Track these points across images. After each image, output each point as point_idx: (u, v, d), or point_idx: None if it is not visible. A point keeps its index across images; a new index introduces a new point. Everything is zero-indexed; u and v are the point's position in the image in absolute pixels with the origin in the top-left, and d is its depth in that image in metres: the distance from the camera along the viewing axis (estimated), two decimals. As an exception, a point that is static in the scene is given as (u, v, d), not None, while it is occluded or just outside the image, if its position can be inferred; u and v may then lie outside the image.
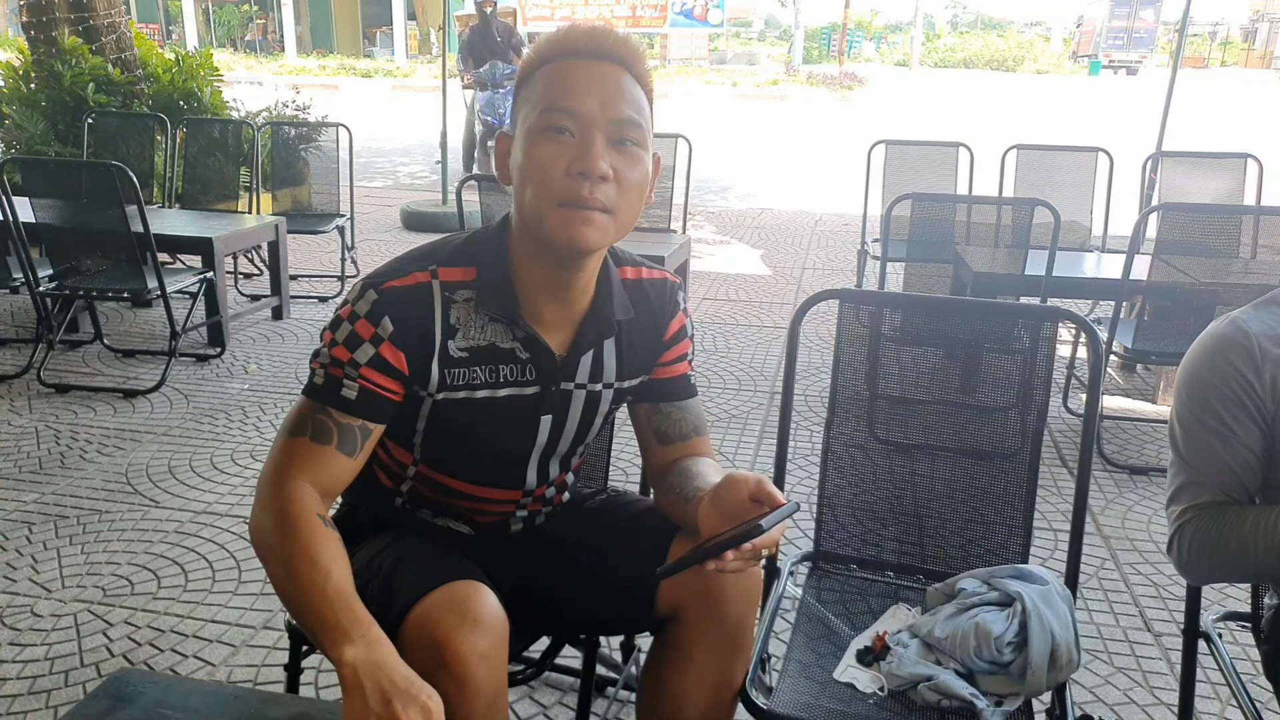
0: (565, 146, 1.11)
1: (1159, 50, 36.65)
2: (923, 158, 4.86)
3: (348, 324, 1.17)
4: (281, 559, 1.10)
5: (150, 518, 2.72)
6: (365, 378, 1.17)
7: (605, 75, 1.14)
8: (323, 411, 1.17)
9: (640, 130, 1.15)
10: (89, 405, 3.55)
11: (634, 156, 1.15)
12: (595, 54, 1.14)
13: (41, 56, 5.85)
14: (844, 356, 1.70)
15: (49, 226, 3.69)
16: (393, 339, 1.17)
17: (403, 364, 1.18)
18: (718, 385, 3.90)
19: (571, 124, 1.11)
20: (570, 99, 1.11)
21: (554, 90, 1.13)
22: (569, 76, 1.13)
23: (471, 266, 1.21)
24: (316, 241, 6.18)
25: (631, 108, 1.14)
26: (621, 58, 1.15)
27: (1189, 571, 1.31)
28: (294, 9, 27.74)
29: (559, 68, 1.15)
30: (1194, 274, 3.13)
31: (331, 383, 1.17)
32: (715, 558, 1.03)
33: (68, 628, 2.20)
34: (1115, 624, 2.32)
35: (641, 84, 1.18)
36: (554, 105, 1.12)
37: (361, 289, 1.18)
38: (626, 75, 1.16)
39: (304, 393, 1.19)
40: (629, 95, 1.14)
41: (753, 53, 33.85)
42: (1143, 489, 3.05)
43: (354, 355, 1.17)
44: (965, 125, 13.86)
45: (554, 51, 1.16)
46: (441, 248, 1.24)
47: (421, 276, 1.19)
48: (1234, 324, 1.25)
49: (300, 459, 1.15)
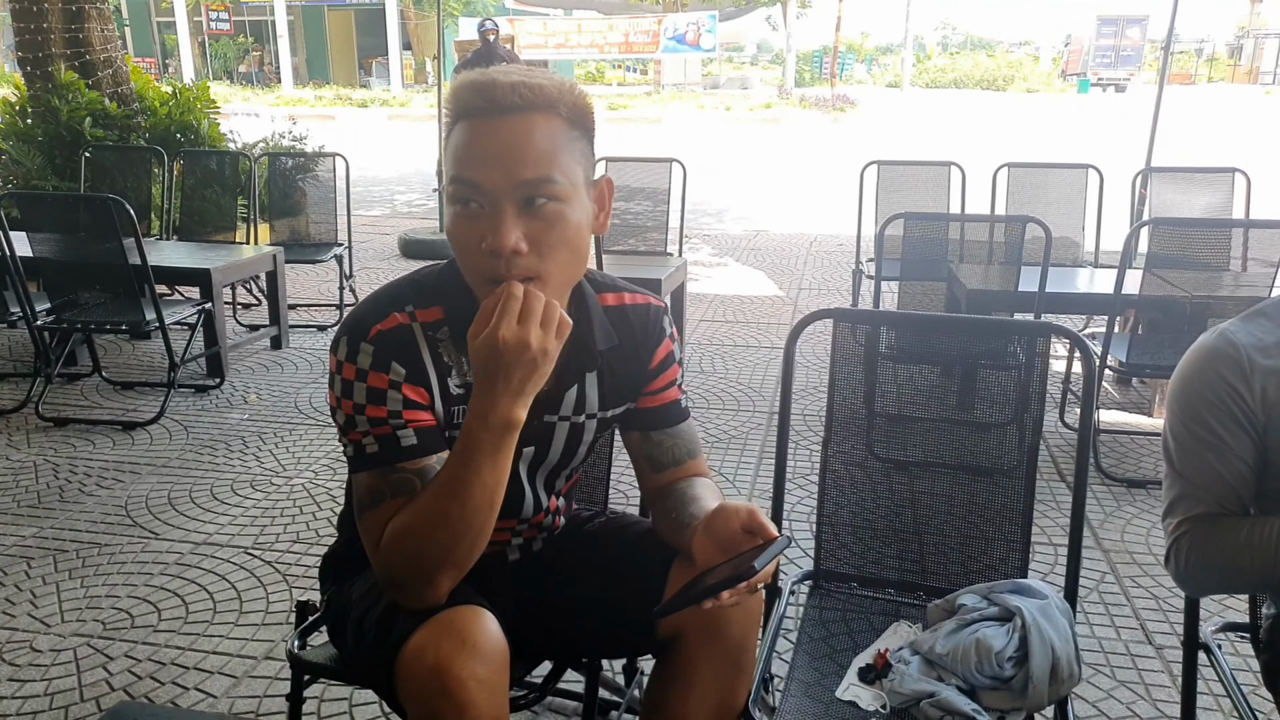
0: (475, 221, 1.08)
1: (1146, 67, 36.97)
2: (915, 177, 4.90)
3: (360, 384, 1.14)
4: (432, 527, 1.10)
5: (150, 550, 2.72)
6: (412, 420, 1.15)
7: (506, 134, 1.07)
8: (394, 472, 1.14)
9: (554, 185, 1.08)
10: (88, 438, 3.55)
11: (551, 215, 1.09)
12: (493, 111, 1.07)
13: (38, 92, 5.89)
14: (840, 375, 1.71)
15: (47, 260, 3.71)
16: (408, 380, 1.16)
17: (425, 397, 1.17)
18: (716, 406, 3.90)
19: (477, 196, 1.08)
20: (471, 170, 1.07)
21: (457, 160, 1.09)
22: (467, 143, 1.08)
23: (439, 305, 1.20)
24: (315, 271, 6.20)
25: (540, 164, 1.07)
26: (524, 104, 1.07)
27: (1186, 583, 1.32)
28: (290, 41, 27.95)
29: (461, 130, 1.09)
30: (1185, 287, 3.15)
31: (386, 442, 1.14)
32: (712, 598, 1.03)
33: (67, 662, 2.19)
34: (1117, 637, 2.32)
35: (567, 118, 1.10)
36: (458, 177, 1.08)
37: (350, 344, 1.15)
38: (535, 122, 1.08)
39: (360, 469, 1.15)
40: (536, 151, 1.07)
41: (746, 77, 34.12)
42: (1141, 502, 3.06)
43: (389, 407, 1.14)
44: (957, 144, 13.96)
45: (458, 110, 1.10)
46: (411, 287, 1.21)
47: (401, 318, 1.17)
48: (1223, 336, 1.26)
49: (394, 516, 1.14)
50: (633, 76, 34.13)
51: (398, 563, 1.12)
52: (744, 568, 1.03)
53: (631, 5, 29.29)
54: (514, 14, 27.94)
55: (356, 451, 1.15)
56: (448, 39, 24.81)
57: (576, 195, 1.11)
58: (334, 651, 1.41)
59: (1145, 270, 3.15)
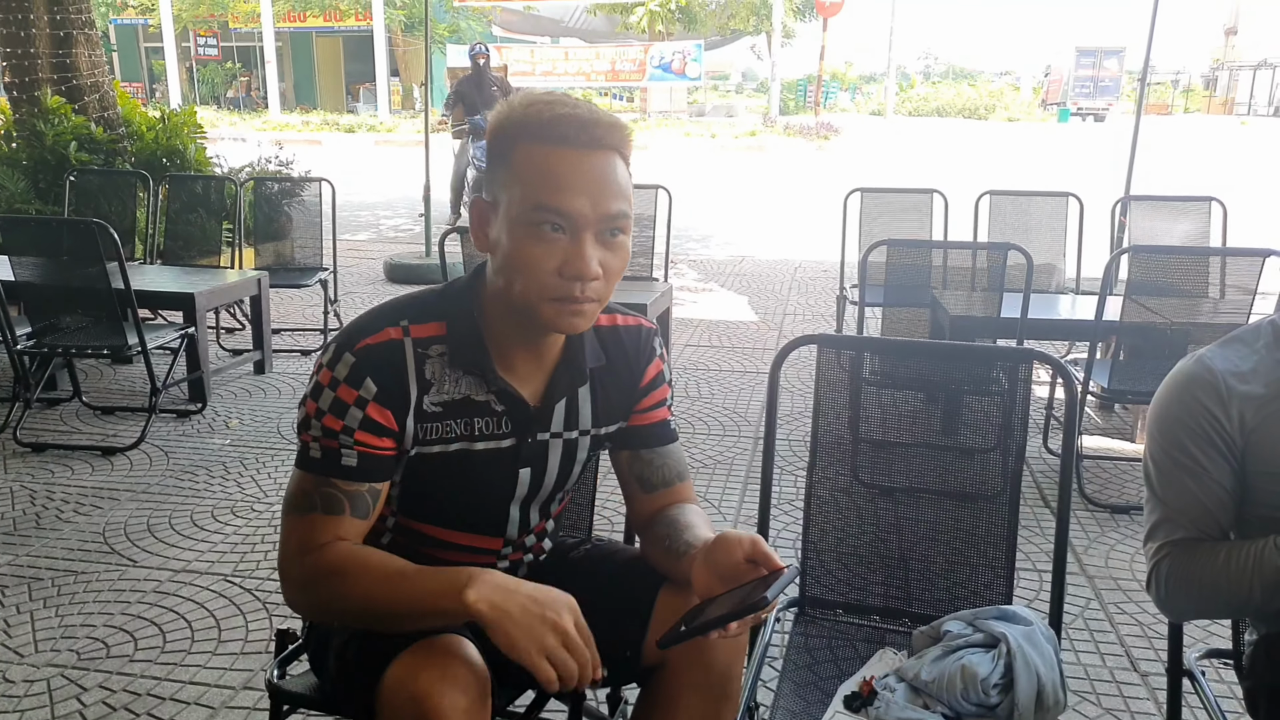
0: (556, 247, 1.10)
1: (1124, 98, 37.57)
2: (898, 204, 4.94)
3: (329, 391, 1.17)
4: (348, 598, 1.12)
5: (128, 578, 2.68)
6: (361, 442, 1.17)
7: (597, 169, 1.11)
8: (327, 484, 1.17)
9: (628, 218, 1.14)
10: (66, 464, 3.51)
11: (621, 246, 1.15)
12: (586, 144, 1.11)
13: (24, 116, 5.89)
14: (824, 401, 1.72)
15: (28, 284, 3.68)
16: (377, 399, 1.17)
17: (391, 421, 1.18)
18: (702, 431, 3.90)
19: (562, 222, 1.10)
20: (561, 198, 1.09)
21: (544, 185, 1.09)
22: (559, 172, 1.10)
23: (442, 321, 1.22)
24: (299, 295, 6.19)
25: (621, 198, 1.12)
26: (612, 144, 1.13)
27: (1168, 608, 1.32)
28: (277, 66, 28.02)
29: (547, 157, 1.10)
30: (1165, 314, 3.19)
31: (329, 454, 1.17)
32: (720, 629, 1.03)
33: (40, 694, 2.15)
34: (1102, 664, 2.31)
35: (627, 161, 1.16)
36: (544, 204, 1.09)
37: (336, 351, 1.18)
38: (616, 159, 1.13)
39: (300, 466, 1.19)
40: (618, 185, 1.12)
41: (731, 105, 34.45)
42: (1125, 528, 3.07)
43: (345, 422, 1.16)
44: (939, 172, 14.11)
45: (541, 134, 1.11)
46: (413, 303, 1.24)
47: (394, 333, 1.19)
48: (1200, 362, 1.28)
49: (318, 532, 1.16)
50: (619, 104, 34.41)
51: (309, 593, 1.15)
52: (754, 598, 1.01)
53: (618, 34, 29.58)
54: (501, 42, 28.15)
55: (302, 449, 1.19)
56: (436, 66, 24.94)
57: (631, 231, 1.18)
58: (313, 681, 1.40)
59: (1126, 297, 3.18)
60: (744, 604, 1.02)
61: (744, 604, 1.02)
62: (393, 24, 27.82)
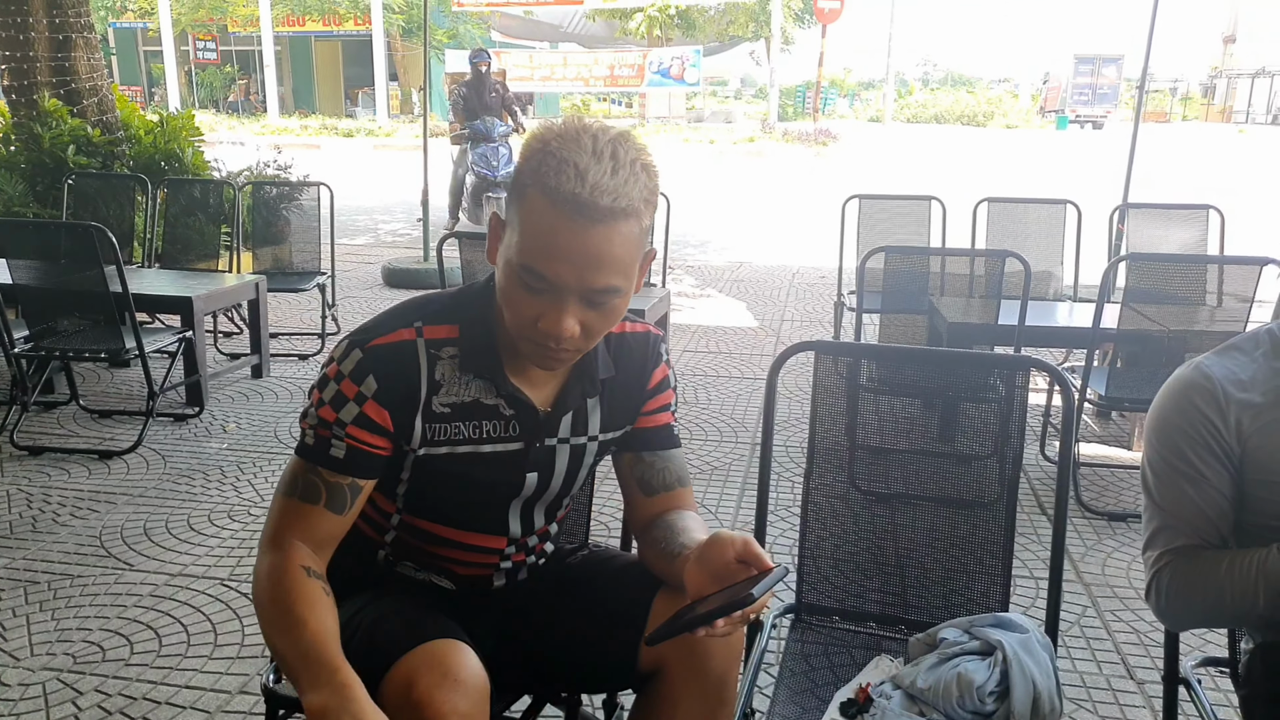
0: (537, 298, 1.10)
1: (1123, 105, 37.66)
2: (896, 211, 4.95)
3: (334, 383, 1.19)
4: (265, 611, 1.14)
5: (124, 581, 2.67)
6: (352, 436, 1.19)
7: (591, 244, 1.07)
8: (313, 471, 1.20)
9: (619, 292, 1.11)
10: (63, 467, 3.51)
11: (609, 309, 1.13)
12: (589, 219, 1.06)
13: (22, 119, 5.88)
14: (821, 408, 1.72)
15: (26, 288, 3.67)
16: (376, 397, 1.19)
17: (387, 421, 1.20)
18: (699, 437, 3.90)
19: (545, 286, 1.09)
20: (546, 265, 1.08)
21: (536, 247, 1.08)
22: (548, 237, 1.07)
23: (455, 324, 1.23)
24: (297, 299, 6.18)
25: (614, 273, 1.09)
26: (618, 213, 1.07)
27: (1167, 617, 1.32)
28: (276, 70, 28.04)
29: (547, 219, 1.07)
30: (1163, 321, 3.19)
31: (320, 442, 1.20)
32: (706, 625, 1.03)
33: (35, 697, 2.14)
34: (1098, 672, 2.31)
35: (639, 220, 1.10)
36: (528, 265, 1.08)
37: (347, 347, 1.20)
38: (619, 229, 1.08)
39: (296, 452, 1.22)
40: (613, 260, 1.08)
41: (729, 111, 34.52)
42: (1121, 535, 3.07)
43: (339, 415, 1.19)
44: (937, 179, 14.13)
45: (549, 192, 1.06)
46: (429, 304, 1.26)
47: (407, 333, 1.21)
48: (1198, 369, 1.28)
49: (291, 518, 1.19)
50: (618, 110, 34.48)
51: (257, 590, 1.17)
52: (740, 596, 1.02)
53: (617, 39, 29.63)
54: (500, 47, 28.20)
55: (300, 436, 1.23)
56: (435, 71, 24.97)
57: (631, 284, 1.14)
58: (309, 686, 1.39)
59: (1123, 304, 3.19)
60: (730, 602, 1.02)
61: (730, 602, 1.02)
62: (391, 29, 27.85)
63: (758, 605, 1.03)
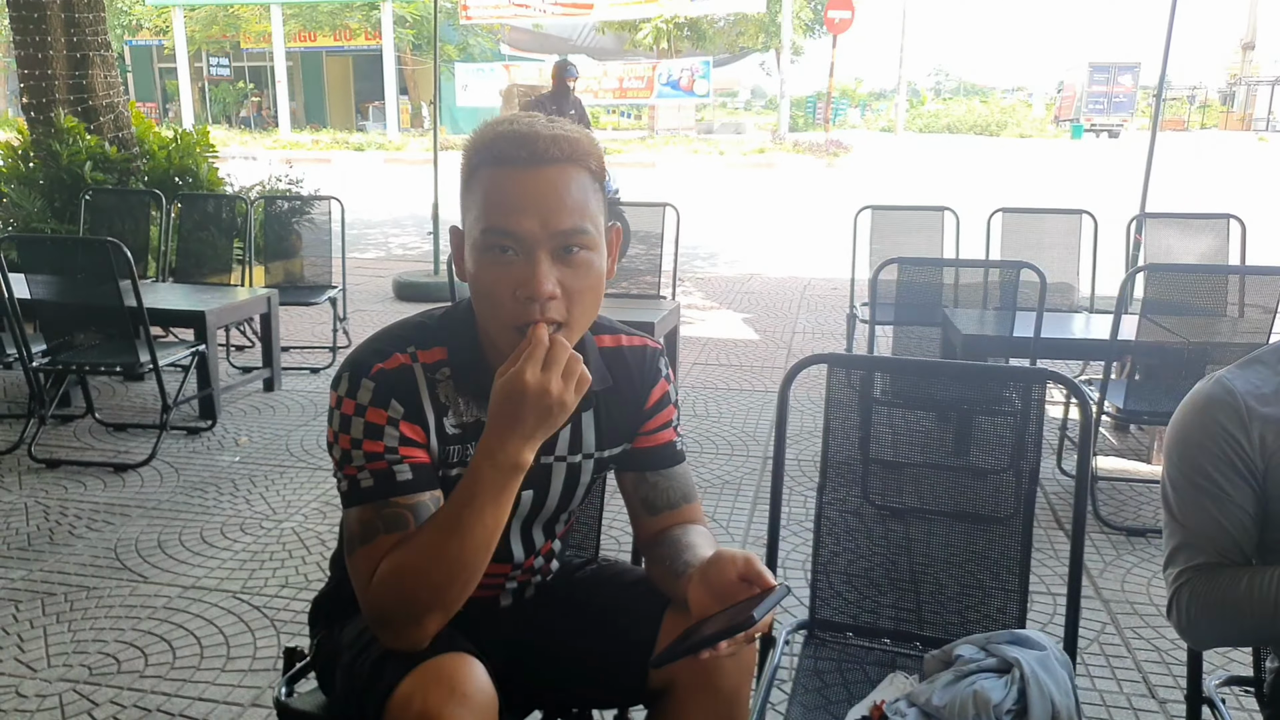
0: (509, 268, 1.10)
1: (1139, 114, 37.48)
2: (909, 222, 4.93)
3: (358, 419, 1.16)
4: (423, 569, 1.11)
5: (139, 594, 2.68)
6: (408, 456, 1.16)
7: (545, 185, 1.08)
8: (387, 506, 1.14)
9: (587, 234, 1.11)
10: (79, 480, 3.52)
11: (583, 263, 1.12)
12: (530, 161, 1.08)
13: (40, 136, 5.94)
14: (834, 421, 1.71)
15: (44, 302, 3.71)
16: (406, 418, 1.18)
17: (421, 436, 1.19)
18: (710, 451, 3.89)
19: (513, 244, 1.09)
20: (508, 219, 1.08)
21: (492, 207, 1.09)
22: (505, 191, 1.08)
23: (442, 347, 1.22)
24: (309, 313, 6.21)
25: (576, 214, 1.10)
26: (562, 157, 1.09)
27: (1189, 635, 1.30)
28: (288, 86, 28.26)
29: (494, 178, 1.09)
30: (1182, 333, 3.16)
31: (382, 475, 1.15)
32: (709, 648, 1.02)
33: (53, 708, 2.15)
34: (1119, 690, 2.28)
35: (590, 171, 1.13)
36: (492, 226, 1.09)
37: (352, 380, 1.17)
38: (570, 173, 1.10)
39: (353, 503, 1.16)
40: (573, 201, 1.09)
41: (739, 122, 34.51)
42: (1141, 551, 3.03)
43: (385, 442, 1.16)
44: (951, 189, 14.10)
45: (490, 156, 1.10)
46: (416, 329, 1.24)
47: (403, 358, 1.20)
48: (1220, 384, 1.26)
49: (384, 551, 1.13)
50: (627, 121, 34.54)
51: (389, 600, 1.12)
52: (742, 618, 1.01)
53: (626, 51, 29.74)
54: (510, 60, 28.35)
55: (351, 486, 1.16)
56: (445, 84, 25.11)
57: (600, 244, 1.15)
58: (321, 699, 1.39)
59: (1141, 316, 3.15)
60: (732, 623, 1.02)
61: (732, 623, 1.02)
62: (402, 43, 28.04)
63: (759, 627, 1.02)
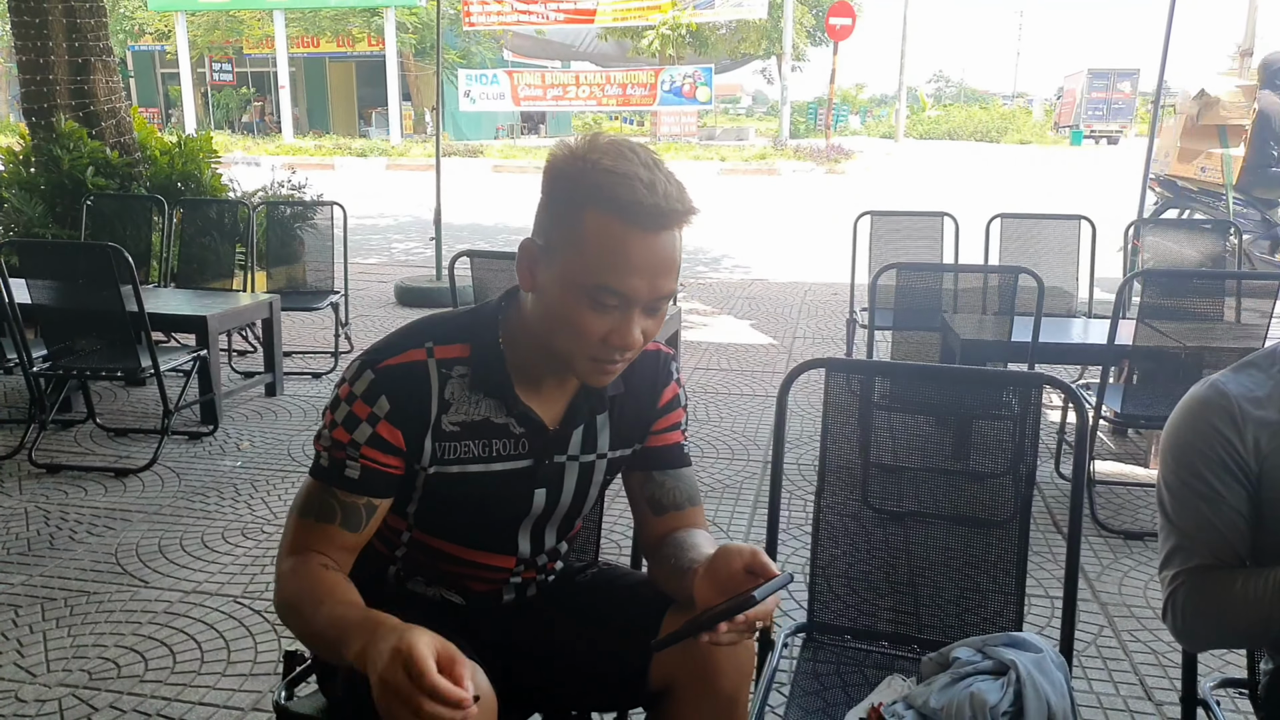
0: (607, 318, 1.13)
1: (1138, 120, 37.49)
2: (909, 228, 4.94)
3: (345, 405, 1.21)
4: (290, 603, 1.17)
5: (139, 598, 2.68)
6: (366, 457, 1.21)
7: (661, 251, 1.12)
8: (328, 492, 1.22)
9: (674, 294, 1.19)
10: (80, 485, 3.53)
11: (663, 314, 1.19)
12: (653, 226, 1.10)
13: (41, 141, 5.95)
14: (833, 425, 1.71)
15: (45, 307, 3.72)
16: (389, 417, 1.20)
17: (400, 440, 1.21)
18: (710, 454, 3.89)
19: (617, 302, 1.12)
20: (622, 282, 1.11)
21: (611, 266, 1.10)
22: (623, 254, 1.10)
23: (467, 343, 1.25)
24: (311, 318, 6.22)
25: (675, 276, 1.15)
26: (677, 220, 1.13)
27: (1184, 637, 1.30)
28: (291, 91, 28.32)
29: (612, 231, 1.10)
30: (1179, 338, 3.17)
31: (335, 464, 1.22)
32: (709, 630, 1.03)
33: (52, 713, 2.15)
34: (1115, 693, 2.29)
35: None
36: (604, 284, 1.11)
37: (359, 368, 1.21)
38: (676, 237, 1.14)
39: (310, 473, 1.24)
40: (675, 265, 1.14)
41: (741, 129, 34.56)
42: (1138, 554, 3.04)
43: (353, 436, 1.20)
44: (950, 195, 14.11)
45: (615, 209, 1.09)
46: (440, 324, 1.27)
47: (417, 354, 1.22)
48: (1214, 387, 1.27)
49: (308, 537, 1.22)
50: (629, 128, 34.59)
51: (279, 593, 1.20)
52: (743, 600, 1.02)
53: (629, 58, 29.79)
54: (513, 66, 28.42)
55: (315, 458, 1.25)
56: (447, 90, 25.15)
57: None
58: (321, 703, 1.40)
59: (1138, 321, 3.17)
60: (733, 605, 1.03)
61: (733, 605, 1.03)
62: (404, 49, 28.10)
63: (760, 610, 1.03)
